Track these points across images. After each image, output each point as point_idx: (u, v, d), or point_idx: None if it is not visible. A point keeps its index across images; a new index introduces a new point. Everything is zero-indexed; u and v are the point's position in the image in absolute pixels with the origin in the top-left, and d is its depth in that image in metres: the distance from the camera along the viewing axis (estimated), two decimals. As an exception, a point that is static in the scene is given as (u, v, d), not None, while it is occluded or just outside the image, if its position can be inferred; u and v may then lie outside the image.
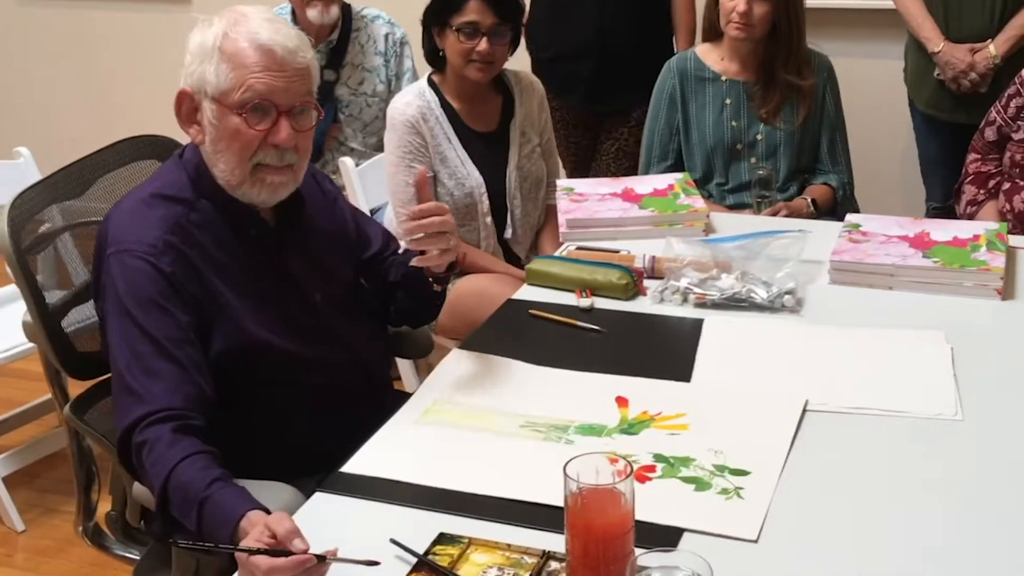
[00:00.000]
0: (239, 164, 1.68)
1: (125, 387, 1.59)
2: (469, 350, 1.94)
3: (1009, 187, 2.85)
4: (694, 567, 1.20)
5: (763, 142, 2.98)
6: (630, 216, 2.45)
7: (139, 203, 1.70)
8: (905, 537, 1.42)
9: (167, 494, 1.50)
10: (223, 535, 1.41)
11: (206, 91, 1.66)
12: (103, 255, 1.67)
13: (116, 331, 1.62)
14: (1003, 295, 2.08)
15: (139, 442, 1.54)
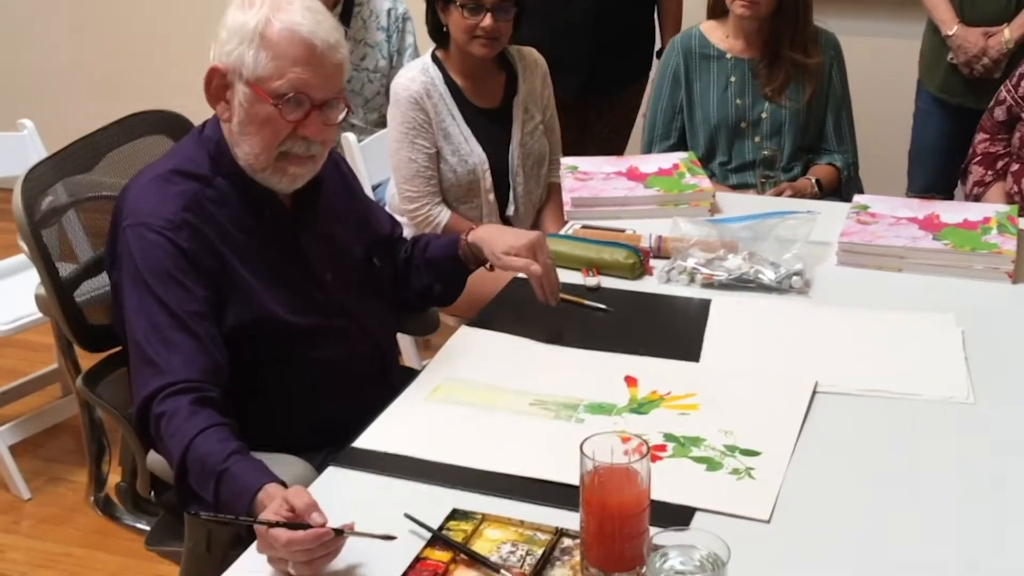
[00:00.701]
0: (265, 150, 1.67)
1: (143, 358, 1.58)
2: (476, 327, 1.94)
3: (1018, 168, 2.84)
4: (711, 547, 1.19)
5: (768, 120, 2.97)
6: (636, 195, 2.44)
7: (157, 178, 1.69)
8: (917, 520, 1.42)
9: (186, 465, 1.49)
10: (240, 507, 1.41)
11: (241, 73, 1.65)
12: (119, 226, 1.66)
13: (133, 302, 1.62)
14: (1014, 278, 2.07)
15: (158, 413, 1.54)
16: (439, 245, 1.99)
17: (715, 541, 1.19)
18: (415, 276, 2.00)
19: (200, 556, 1.66)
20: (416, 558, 1.34)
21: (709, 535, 1.20)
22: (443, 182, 2.73)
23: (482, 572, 1.32)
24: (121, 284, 1.66)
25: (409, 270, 2.00)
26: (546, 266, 1.88)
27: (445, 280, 2.00)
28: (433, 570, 1.32)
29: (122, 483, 1.96)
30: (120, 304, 1.67)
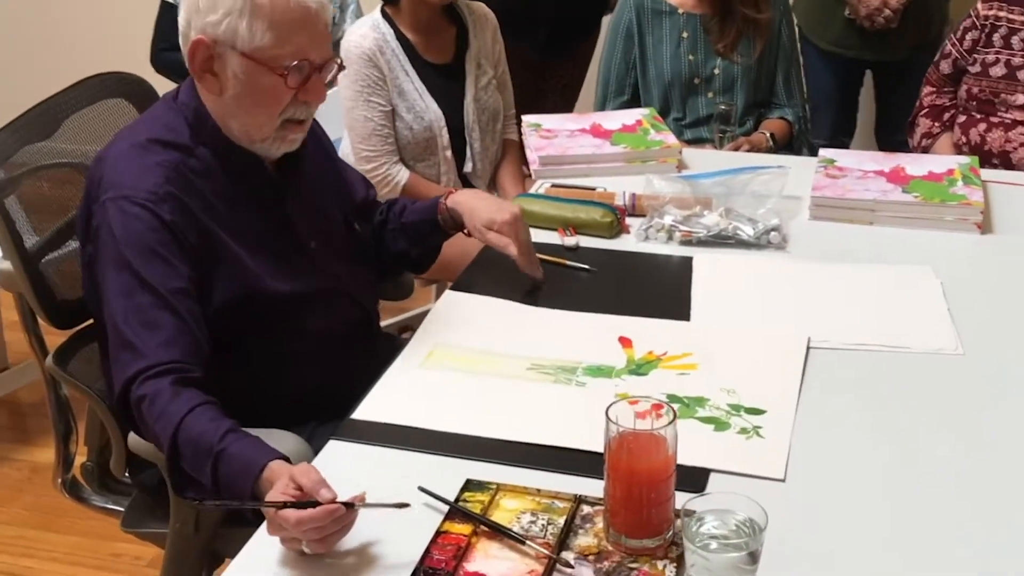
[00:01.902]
0: (268, 121, 1.62)
1: (122, 340, 1.51)
2: (460, 291, 1.90)
3: (965, 120, 2.88)
4: (747, 512, 1.19)
5: (720, 76, 2.96)
6: (603, 153, 2.42)
7: (135, 147, 1.60)
8: (929, 471, 1.43)
9: (177, 448, 1.43)
10: (243, 487, 1.35)
11: (235, 45, 1.57)
12: (95, 199, 1.57)
13: (112, 280, 1.54)
14: (983, 229, 2.10)
15: (139, 396, 1.47)
16: (417, 209, 1.94)
17: (751, 505, 1.18)
18: (391, 240, 1.95)
19: (187, 537, 1.61)
20: (437, 532, 1.31)
21: (745, 499, 1.19)
22: (399, 140, 2.68)
23: (505, 543, 1.30)
24: (98, 260, 1.57)
25: (384, 234, 1.95)
26: (525, 243, 1.86)
27: (422, 245, 1.96)
28: (456, 544, 1.29)
29: (88, 463, 1.89)
30: (95, 281, 1.59)
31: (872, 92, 3.63)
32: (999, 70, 2.80)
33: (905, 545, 1.30)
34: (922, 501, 1.37)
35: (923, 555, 1.28)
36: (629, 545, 1.27)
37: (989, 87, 2.82)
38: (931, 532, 1.32)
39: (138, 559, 2.58)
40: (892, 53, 3.40)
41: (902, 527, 1.33)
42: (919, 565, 1.26)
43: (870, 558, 1.27)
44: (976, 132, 2.83)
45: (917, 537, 1.31)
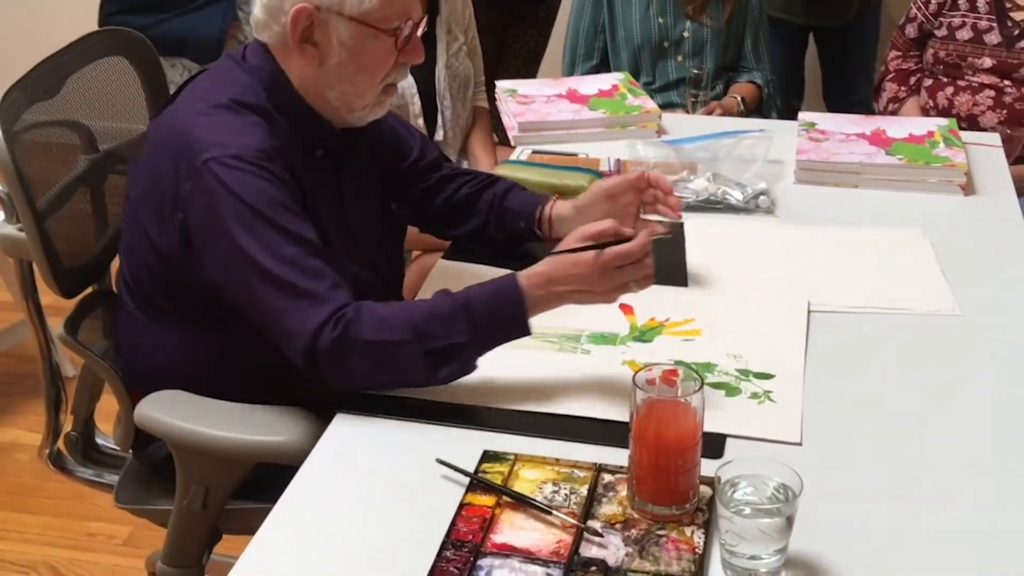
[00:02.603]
0: (371, 87, 1.58)
1: (296, 292, 1.44)
2: (451, 260, 1.87)
3: (932, 83, 2.91)
4: (781, 478, 1.18)
5: (690, 39, 2.95)
6: (582, 118, 2.39)
7: (221, 108, 1.54)
8: (940, 431, 1.44)
9: (420, 331, 1.43)
10: (510, 311, 1.45)
11: (341, 10, 1.52)
12: (189, 163, 1.49)
13: (247, 240, 1.46)
14: (966, 190, 2.12)
15: (339, 334, 1.42)
16: (525, 199, 1.85)
17: (786, 471, 1.18)
18: (469, 212, 1.86)
19: (195, 514, 1.58)
20: (460, 504, 1.29)
21: (779, 465, 1.18)
22: (370, 108, 2.63)
23: (530, 514, 1.28)
24: (206, 224, 1.49)
25: (460, 200, 1.87)
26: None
27: (505, 232, 1.85)
28: (481, 516, 1.27)
29: (73, 433, 1.85)
30: (194, 247, 1.51)
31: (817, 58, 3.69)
32: (966, 33, 2.83)
33: (927, 503, 1.30)
34: (936, 459, 1.38)
35: (945, 512, 1.29)
36: (656, 512, 1.26)
37: (956, 51, 2.84)
38: (951, 488, 1.33)
39: (113, 538, 2.54)
40: (835, 18, 3.45)
41: (922, 485, 1.34)
42: (943, 521, 1.27)
43: (895, 517, 1.28)
44: (943, 96, 2.86)
45: (938, 494, 1.32)
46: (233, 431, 1.51)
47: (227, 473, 1.55)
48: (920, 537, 1.25)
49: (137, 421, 1.57)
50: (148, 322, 1.62)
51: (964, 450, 1.40)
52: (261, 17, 1.57)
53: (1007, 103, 2.77)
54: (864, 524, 1.26)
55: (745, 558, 1.17)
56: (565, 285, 1.48)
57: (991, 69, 2.79)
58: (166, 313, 1.61)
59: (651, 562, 1.21)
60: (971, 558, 1.22)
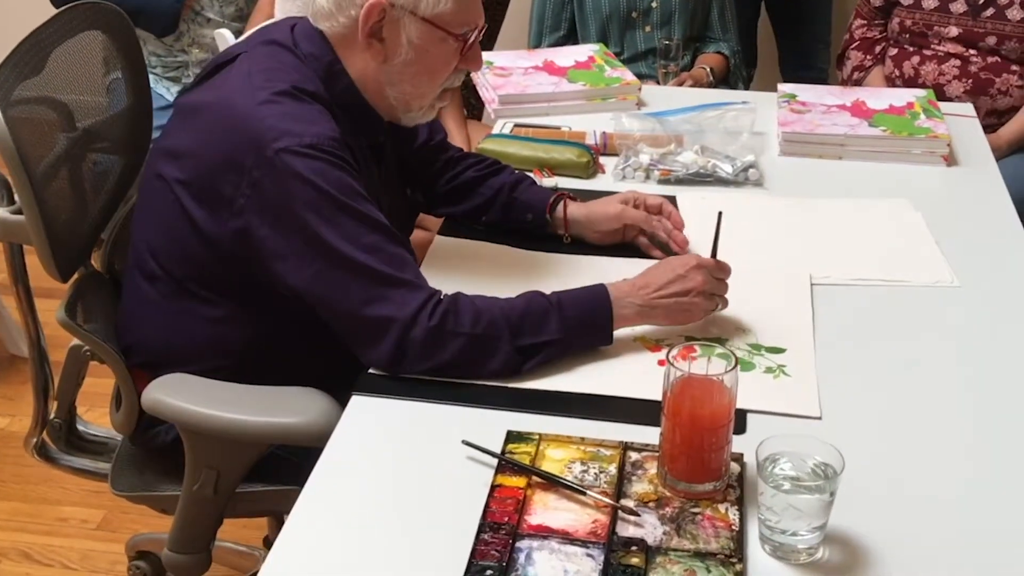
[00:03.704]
0: (431, 89, 1.59)
1: (385, 281, 1.44)
2: (448, 236, 1.85)
3: (897, 52, 2.93)
4: (821, 456, 1.19)
5: (658, 10, 2.94)
6: (563, 91, 2.37)
7: (285, 96, 1.49)
8: (951, 401, 1.46)
9: (514, 325, 1.45)
10: (599, 314, 1.49)
11: (416, 9, 1.51)
12: (260, 151, 1.44)
13: (331, 232, 1.44)
14: (949, 162, 2.14)
15: (436, 323, 1.43)
16: (536, 193, 1.84)
17: (827, 449, 1.18)
18: (473, 194, 1.85)
19: (205, 499, 1.55)
20: (492, 486, 1.28)
21: (820, 442, 1.19)
22: (344, 83, 2.58)
23: (562, 494, 1.28)
24: (280, 217, 1.45)
25: (461, 184, 1.86)
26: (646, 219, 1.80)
27: (509, 219, 1.84)
28: (514, 497, 1.26)
29: (56, 420, 1.80)
30: (257, 236, 1.47)
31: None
32: (932, 2, 2.86)
33: (954, 473, 1.32)
34: (957, 429, 1.40)
35: (974, 481, 1.31)
36: (690, 490, 1.26)
37: (922, 19, 2.87)
38: (976, 456, 1.35)
39: (86, 522, 2.48)
40: None
41: (947, 454, 1.36)
42: (972, 490, 1.29)
43: (926, 489, 1.29)
44: (909, 65, 2.89)
45: (964, 463, 1.34)
46: (249, 413, 1.49)
47: (240, 457, 1.53)
48: (952, 507, 1.27)
49: (146, 405, 1.53)
50: (170, 305, 1.58)
51: (982, 418, 1.43)
52: (325, 6, 1.54)
53: (972, 72, 2.81)
54: (897, 497, 1.28)
55: (785, 534, 1.18)
56: (662, 289, 1.52)
57: (957, 38, 2.82)
58: (198, 298, 1.57)
59: (690, 540, 1.21)
60: (1006, 523, 1.24)
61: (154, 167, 1.61)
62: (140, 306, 1.64)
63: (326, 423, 1.46)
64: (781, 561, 1.19)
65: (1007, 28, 2.78)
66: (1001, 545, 1.21)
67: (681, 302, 1.53)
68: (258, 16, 3.26)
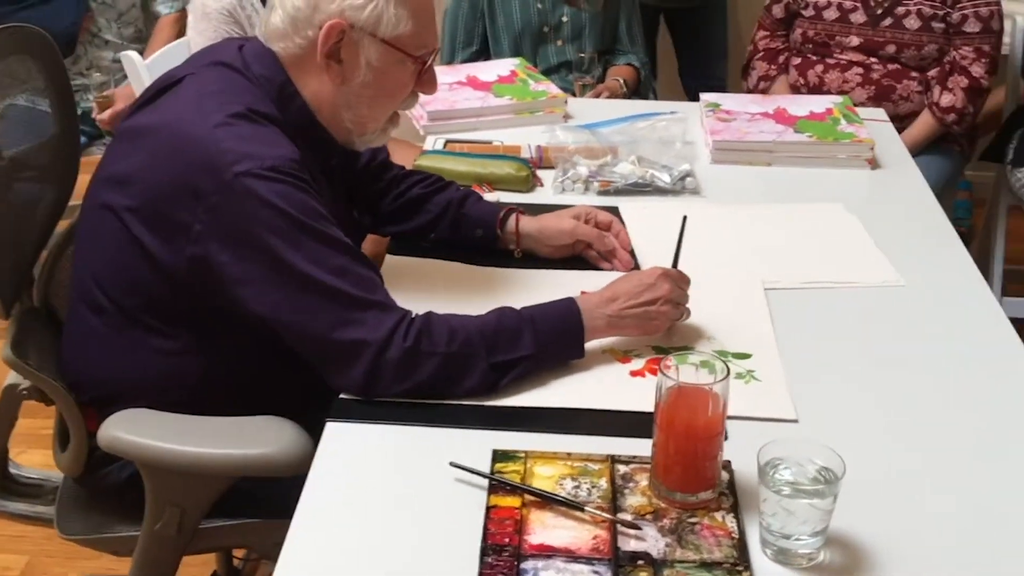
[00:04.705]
0: (386, 112, 1.57)
1: (353, 303, 1.41)
2: (399, 256, 1.82)
3: (801, 62, 3.01)
4: (822, 460, 1.19)
5: (569, 24, 2.96)
6: (490, 105, 2.37)
7: (240, 118, 1.44)
8: (927, 397, 1.49)
9: (488, 340, 1.43)
10: (571, 327, 1.48)
11: (376, 31, 1.48)
12: (218, 175, 1.39)
13: (297, 256, 1.39)
14: (873, 165, 2.20)
15: (411, 345, 1.40)
16: (485, 208, 1.83)
17: (828, 453, 1.19)
18: (419, 212, 1.83)
19: (167, 538, 1.48)
20: (487, 508, 1.26)
21: (821, 447, 1.20)
22: (263, 102, 2.52)
23: (558, 512, 1.26)
24: (242, 242, 1.41)
25: (410, 202, 1.84)
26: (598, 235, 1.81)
27: (459, 235, 1.82)
28: (512, 518, 1.24)
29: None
30: (217, 260, 1.41)
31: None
32: (832, 13, 2.94)
33: (935, 468, 1.35)
34: (930, 424, 1.43)
35: (955, 475, 1.34)
36: (687, 500, 1.26)
37: (824, 30, 2.95)
38: (956, 449, 1.39)
39: (8, 569, 2.35)
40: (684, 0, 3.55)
41: (927, 450, 1.39)
42: (956, 485, 1.32)
43: (912, 485, 1.32)
44: (814, 73, 2.96)
45: (944, 457, 1.37)
46: (217, 446, 1.44)
47: (205, 492, 1.47)
48: (945, 501, 1.29)
49: (104, 443, 1.45)
50: (119, 338, 1.52)
51: (957, 410, 1.46)
52: (281, 27, 1.50)
53: (875, 79, 2.90)
54: (888, 495, 1.29)
55: (787, 539, 1.18)
56: (630, 300, 1.52)
57: (858, 47, 2.91)
58: (151, 329, 1.51)
59: (693, 551, 1.20)
60: (997, 516, 1.27)
61: (98, 195, 1.54)
62: (86, 340, 1.56)
63: (300, 452, 1.42)
64: (784, 566, 1.19)
65: (905, 37, 2.88)
66: (992, 532, 1.24)
67: (649, 311, 1.53)
68: (159, 37, 3.19)
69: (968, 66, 2.87)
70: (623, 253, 1.79)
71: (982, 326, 1.67)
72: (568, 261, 1.81)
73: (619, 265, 1.78)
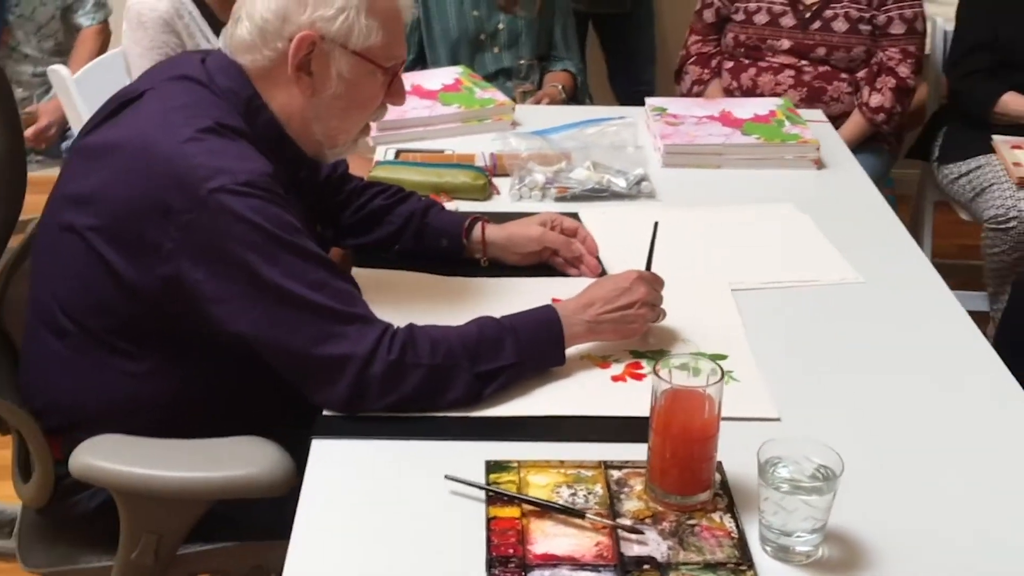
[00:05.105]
0: (357, 124, 1.56)
1: (335, 318, 1.39)
2: (364, 268, 1.79)
3: (733, 65, 3.06)
4: (820, 459, 1.21)
5: (505, 32, 2.97)
6: (438, 114, 2.36)
7: (210, 133, 1.40)
8: (905, 390, 1.53)
9: (471, 351, 1.42)
10: (552, 335, 1.48)
11: (347, 43, 1.46)
12: (191, 191, 1.36)
13: (274, 271, 1.37)
14: (819, 165, 2.25)
15: (395, 357, 1.39)
16: (449, 218, 1.82)
17: (826, 452, 1.21)
18: (383, 223, 1.82)
19: (143, 567, 1.44)
20: (488, 519, 1.25)
21: (820, 446, 1.21)
22: (202, 112, 2.48)
23: (558, 520, 1.26)
24: (218, 260, 1.37)
25: (374, 213, 1.82)
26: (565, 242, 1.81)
27: (423, 245, 1.81)
28: (514, 528, 1.23)
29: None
30: (191, 278, 1.38)
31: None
32: (762, 17, 3.00)
33: (920, 460, 1.38)
34: (909, 418, 1.46)
35: (939, 466, 1.37)
36: (684, 503, 1.27)
37: (755, 34, 3.01)
38: (942, 440, 1.42)
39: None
40: (615, 6, 3.58)
41: (908, 443, 1.41)
42: (941, 476, 1.35)
43: (901, 477, 1.34)
44: (747, 77, 3.01)
45: (928, 451, 1.40)
46: (197, 470, 1.40)
47: (184, 517, 1.44)
48: (933, 491, 1.32)
49: (76, 472, 1.41)
50: (85, 362, 1.47)
51: (934, 402, 1.50)
52: (248, 39, 1.47)
53: (806, 81, 2.96)
54: (879, 489, 1.32)
55: (786, 536, 1.20)
56: (608, 304, 1.53)
57: (789, 50, 2.97)
58: (119, 352, 1.46)
59: (695, 552, 1.21)
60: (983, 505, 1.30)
61: (58, 216, 1.49)
62: (49, 365, 1.51)
63: (284, 471, 1.40)
64: (784, 563, 1.21)
65: (834, 39, 2.95)
66: (981, 520, 1.27)
67: (627, 315, 1.54)
68: (81, 50, 3.12)
69: (895, 67, 2.94)
70: (590, 259, 1.79)
71: (941, 318, 1.71)
72: (535, 268, 1.81)
73: (586, 271, 1.79)
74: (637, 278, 1.56)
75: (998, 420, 1.47)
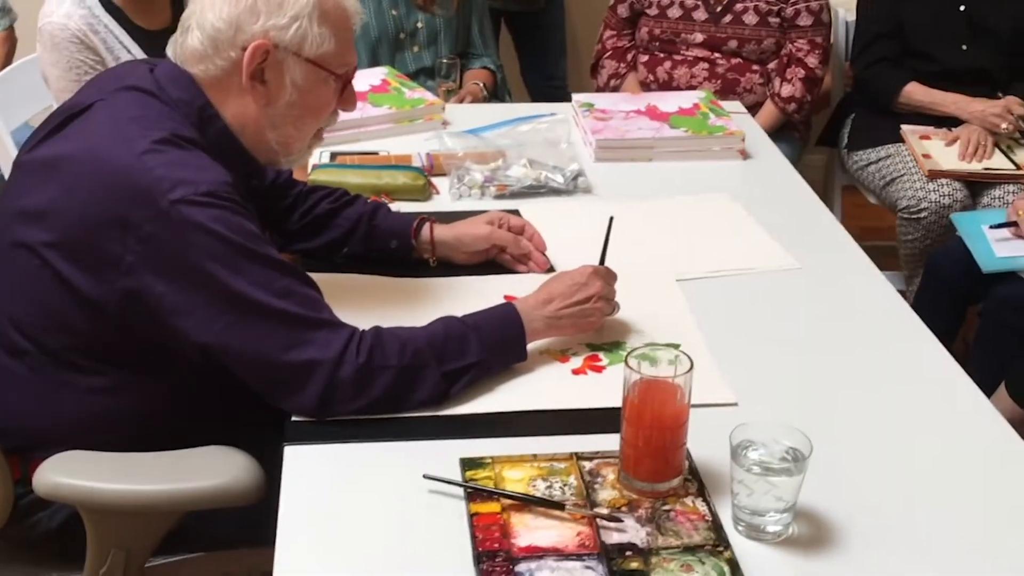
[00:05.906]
0: (311, 131, 1.56)
1: (303, 324, 1.40)
2: (313, 273, 1.79)
3: (649, 59, 3.12)
4: (790, 442, 1.26)
5: (424, 30, 2.98)
6: (370, 115, 2.36)
7: (166, 144, 1.39)
8: (852, 371, 1.59)
9: (437, 351, 1.45)
10: (514, 331, 1.51)
11: (300, 51, 1.46)
12: (152, 203, 1.35)
13: (240, 281, 1.37)
14: (744, 156, 2.31)
15: (364, 360, 1.41)
16: (396, 219, 1.84)
17: (795, 434, 1.26)
18: (330, 226, 1.83)
19: (111, 582, 1.42)
20: (470, 516, 1.27)
21: (789, 428, 1.27)
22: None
23: (538, 513, 1.29)
24: (182, 271, 1.37)
25: (316, 218, 1.83)
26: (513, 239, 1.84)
27: (372, 248, 1.82)
28: (496, 523, 1.26)
29: None
30: (154, 291, 1.38)
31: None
32: (675, 11, 3.06)
33: (879, 440, 1.44)
34: (861, 398, 1.53)
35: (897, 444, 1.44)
36: (656, 490, 1.31)
37: (669, 28, 3.07)
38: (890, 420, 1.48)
39: None
40: (528, 4, 3.62)
41: (865, 424, 1.48)
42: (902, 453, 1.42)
43: (860, 458, 1.41)
44: (663, 70, 3.08)
45: (883, 430, 1.46)
46: (166, 482, 1.40)
47: (152, 531, 1.44)
48: (893, 468, 1.39)
49: (42, 491, 1.39)
50: (43, 381, 1.46)
51: (883, 381, 1.57)
52: (200, 48, 1.46)
53: (720, 73, 3.03)
54: (839, 469, 1.37)
55: (759, 516, 1.25)
56: (566, 299, 1.56)
57: (702, 43, 3.04)
58: (78, 369, 1.45)
59: (674, 537, 1.25)
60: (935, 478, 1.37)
61: (9, 233, 1.46)
62: (6, 386, 1.49)
63: (254, 480, 1.41)
64: (756, 541, 1.26)
65: (745, 32, 3.03)
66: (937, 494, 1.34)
67: (584, 309, 1.58)
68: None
69: (804, 57, 3.04)
70: (538, 255, 1.82)
71: (875, 300, 1.79)
72: (483, 266, 1.83)
73: (535, 267, 1.82)
74: (592, 273, 1.60)
75: (936, 390, 1.55)
